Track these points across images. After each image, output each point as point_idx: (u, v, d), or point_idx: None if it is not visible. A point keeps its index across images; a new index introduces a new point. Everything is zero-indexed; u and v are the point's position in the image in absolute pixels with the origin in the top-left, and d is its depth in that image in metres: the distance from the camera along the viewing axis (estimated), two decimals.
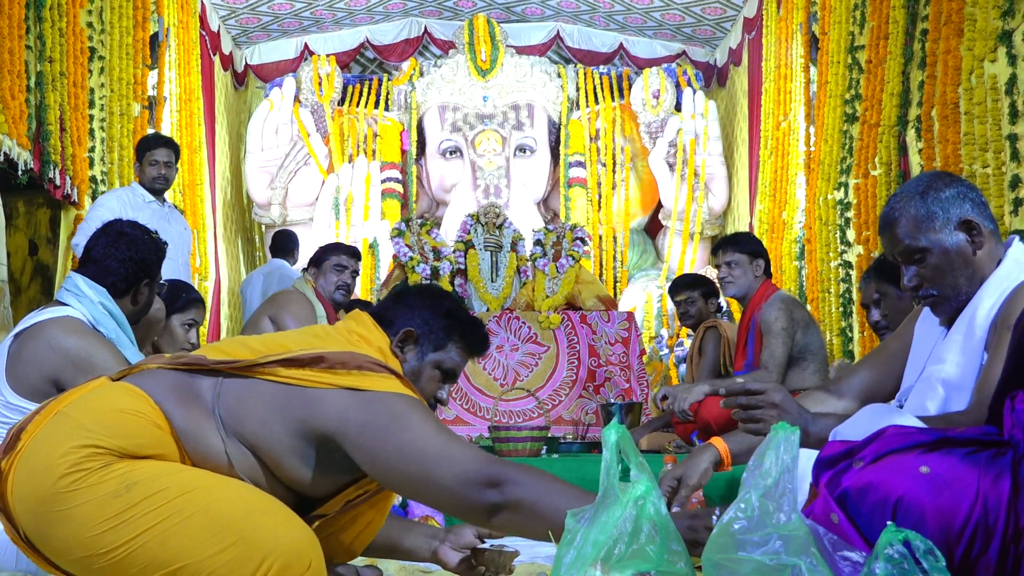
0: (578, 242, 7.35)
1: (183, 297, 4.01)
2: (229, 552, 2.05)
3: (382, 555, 2.66)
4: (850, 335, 6.53)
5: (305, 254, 9.55)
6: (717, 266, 5.33)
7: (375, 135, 10.23)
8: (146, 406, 2.15)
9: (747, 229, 9.10)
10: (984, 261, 2.38)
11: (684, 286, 5.92)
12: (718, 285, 6.03)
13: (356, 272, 5.52)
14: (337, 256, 5.45)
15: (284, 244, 8.06)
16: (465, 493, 2.11)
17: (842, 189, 6.80)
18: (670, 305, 9.05)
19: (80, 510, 2.04)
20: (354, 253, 5.56)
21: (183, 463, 2.17)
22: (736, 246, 5.24)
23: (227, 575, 2.06)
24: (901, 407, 2.43)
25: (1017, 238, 2.46)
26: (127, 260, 3.10)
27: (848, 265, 6.66)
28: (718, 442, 2.58)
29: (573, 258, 7.25)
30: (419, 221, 7.58)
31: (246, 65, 10.36)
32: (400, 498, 3.76)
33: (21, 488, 2.09)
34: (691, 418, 4.97)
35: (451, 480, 2.11)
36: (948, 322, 2.43)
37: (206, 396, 2.20)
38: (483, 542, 2.51)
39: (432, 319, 2.44)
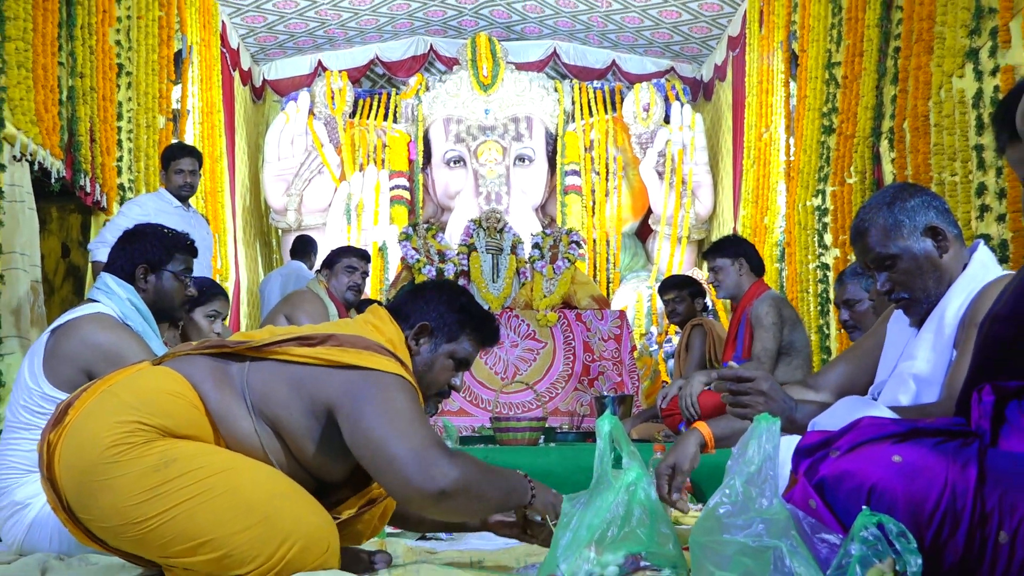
0: (573, 245, 7.35)
1: (205, 291, 4.05)
2: (253, 531, 2.06)
3: (417, 527, 2.66)
4: (827, 332, 6.53)
5: (320, 257, 9.56)
6: (709, 270, 5.35)
7: (384, 145, 10.23)
8: (186, 389, 2.16)
9: (731, 233, 9.10)
10: (951, 264, 2.39)
11: (672, 286, 5.94)
12: (706, 287, 6.03)
13: (366, 273, 5.52)
14: (348, 258, 5.46)
15: (303, 248, 8.06)
16: (412, 471, 2.07)
17: (820, 196, 6.80)
18: (660, 304, 9.05)
19: (120, 481, 2.05)
20: (364, 255, 5.56)
21: (217, 444, 2.18)
22: (717, 252, 5.25)
23: (249, 551, 2.06)
24: (875, 400, 2.43)
25: (982, 242, 2.47)
26: (122, 249, 3.12)
27: (825, 267, 6.67)
28: (702, 426, 2.59)
29: (569, 260, 7.25)
30: (425, 226, 7.58)
31: (264, 80, 10.36)
32: None
33: (67, 458, 2.09)
34: (699, 416, 4.91)
35: (405, 454, 2.09)
36: (918, 322, 2.43)
37: (236, 380, 2.21)
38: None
39: (447, 313, 2.44)
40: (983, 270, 2.37)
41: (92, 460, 2.07)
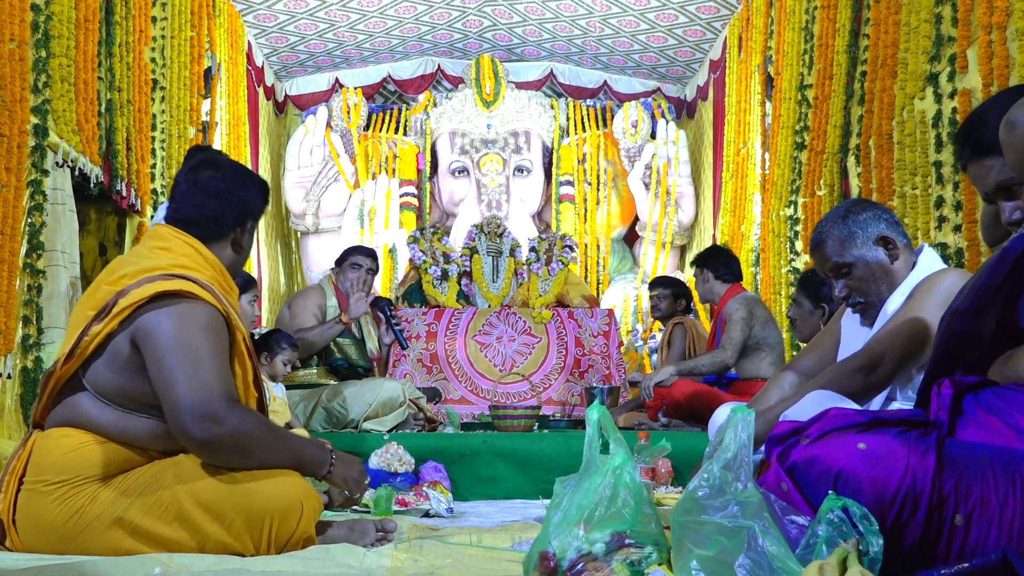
0: (567, 249, 7.35)
1: (239, 280, 4.03)
2: (236, 525, 2.03)
3: None
4: None
5: (333, 257, 9.53)
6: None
7: (395, 156, 10.21)
8: (80, 436, 2.08)
9: (711, 241, 9.10)
10: (900, 269, 2.41)
11: (660, 284, 6.00)
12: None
13: (371, 270, 5.28)
14: (354, 256, 5.26)
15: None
16: (185, 418, 2.00)
17: (792, 207, 6.79)
18: (645, 303, 9.04)
19: (97, 542, 2.01)
20: (369, 252, 5.34)
21: (151, 457, 2.11)
22: (693, 264, 5.34)
23: (242, 545, 2.03)
24: None
25: (926, 245, 2.49)
26: None
27: (796, 271, 6.66)
28: None
29: (562, 263, 7.24)
30: (432, 230, 7.57)
31: (286, 95, 10.35)
32: (412, 465, 3.75)
33: (37, 551, 2.01)
34: (652, 396, 4.99)
35: (183, 401, 2.00)
36: (871, 323, 2.45)
37: (94, 398, 2.10)
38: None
39: (253, 197, 2.36)
40: (928, 270, 2.39)
41: (60, 539, 2.01)
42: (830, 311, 3.83)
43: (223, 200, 2.29)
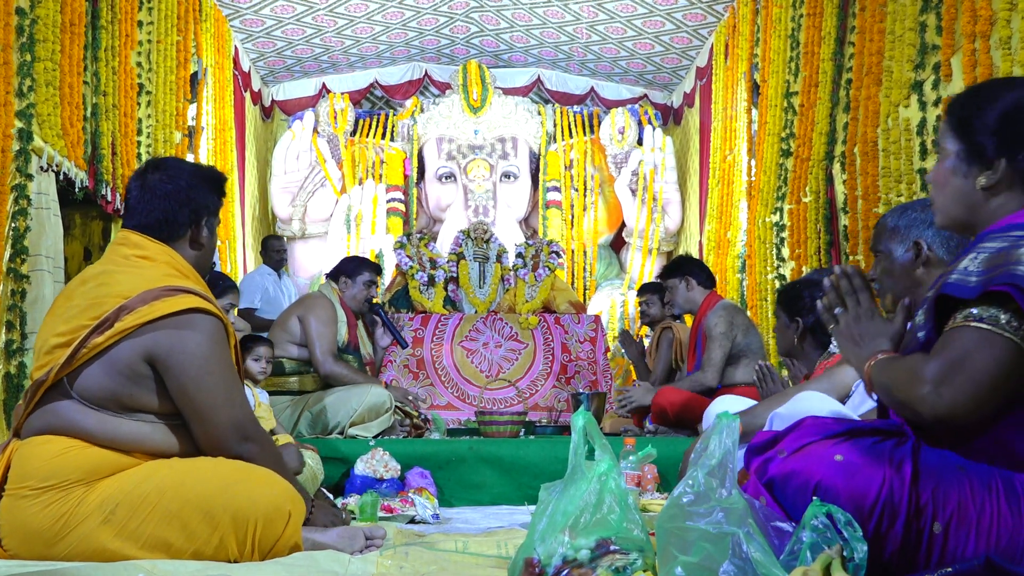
0: (554, 255, 7.35)
1: (220, 284, 4.01)
2: (221, 528, 2.02)
3: None
4: None
5: (319, 262, 9.52)
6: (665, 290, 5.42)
7: (382, 162, 10.21)
8: (63, 441, 2.08)
9: (697, 247, 9.13)
10: (923, 278, 2.37)
11: (648, 289, 6.00)
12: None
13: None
14: (371, 274, 5.22)
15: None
16: (228, 436, 2.15)
17: (778, 213, 6.82)
18: (632, 309, 9.06)
19: (83, 544, 2.01)
20: (379, 270, 5.34)
21: (134, 459, 2.11)
22: (667, 274, 5.32)
23: (225, 548, 2.03)
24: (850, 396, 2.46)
25: None
26: None
27: (782, 278, 6.69)
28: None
29: (549, 269, 7.24)
30: (418, 236, 7.56)
31: (272, 100, 10.33)
32: (398, 471, 3.75)
33: (23, 556, 2.02)
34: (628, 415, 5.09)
35: (226, 422, 2.15)
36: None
37: (72, 404, 2.11)
38: None
39: (203, 195, 2.35)
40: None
41: (47, 544, 2.01)
42: (804, 324, 3.73)
43: (172, 200, 2.31)
